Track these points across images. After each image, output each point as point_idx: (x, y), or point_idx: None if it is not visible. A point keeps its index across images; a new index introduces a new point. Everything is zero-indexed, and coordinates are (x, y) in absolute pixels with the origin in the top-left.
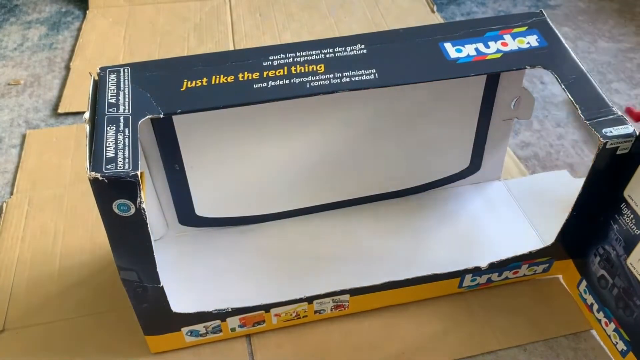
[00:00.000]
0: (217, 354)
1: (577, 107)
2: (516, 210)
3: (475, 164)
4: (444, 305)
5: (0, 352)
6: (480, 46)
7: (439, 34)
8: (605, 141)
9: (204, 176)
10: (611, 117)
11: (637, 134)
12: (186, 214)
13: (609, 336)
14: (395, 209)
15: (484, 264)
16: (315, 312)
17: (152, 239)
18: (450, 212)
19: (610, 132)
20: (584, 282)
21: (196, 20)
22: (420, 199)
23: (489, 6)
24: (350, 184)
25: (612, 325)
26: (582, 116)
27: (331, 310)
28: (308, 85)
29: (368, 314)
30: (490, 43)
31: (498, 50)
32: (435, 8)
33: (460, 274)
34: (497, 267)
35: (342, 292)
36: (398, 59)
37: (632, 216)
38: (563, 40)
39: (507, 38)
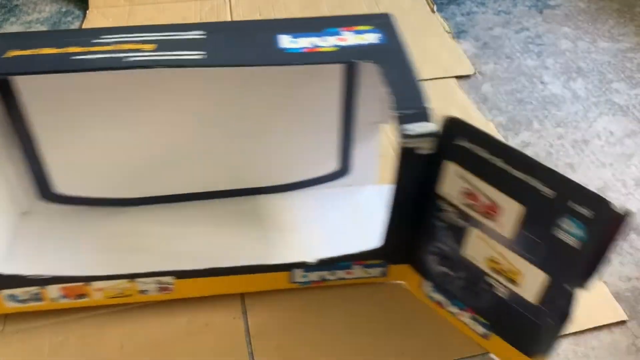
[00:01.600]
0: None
1: (393, 101)
2: (372, 214)
3: (344, 167)
4: (282, 298)
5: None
6: (317, 40)
7: (283, 27)
8: (405, 141)
9: (60, 155)
10: (418, 114)
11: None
12: (45, 190)
13: (467, 324)
14: (250, 204)
15: (312, 259)
16: (140, 291)
17: (16, 210)
18: (304, 211)
19: (413, 130)
20: (428, 283)
21: (196, 20)
22: (281, 198)
23: (488, 6)
24: (208, 176)
25: (467, 314)
26: (394, 113)
27: (157, 292)
28: (128, 59)
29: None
30: (329, 38)
31: (335, 45)
32: (435, 8)
33: (288, 267)
34: (327, 264)
35: (165, 273)
36: (231, 45)
37: (451, 209)
38: (403, 41)
39: (348, 34)
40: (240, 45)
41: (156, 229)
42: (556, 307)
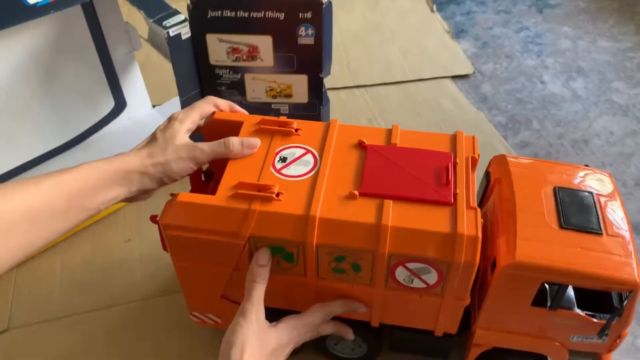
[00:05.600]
0: None
1: (142, 12)
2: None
3: (120, 101)
4: None
5: (5, 351)
6: None
7: None
8: (167, 31)
9: None
10: (170, 13)
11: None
12: None
13: None
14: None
15: None
16: None
17: None
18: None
19: (171, 21)
20: None
21: None
22: (81, 150)
23: (488, 5)
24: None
25: None
26: (147, 18)
27: None
28: None
29: None
30: None
31: None
32: (434, 7)
33: None
34: None
35: None
36: None
37: (226, 70)
38: None
39: None
40: None
41: None
42: (318, 96)
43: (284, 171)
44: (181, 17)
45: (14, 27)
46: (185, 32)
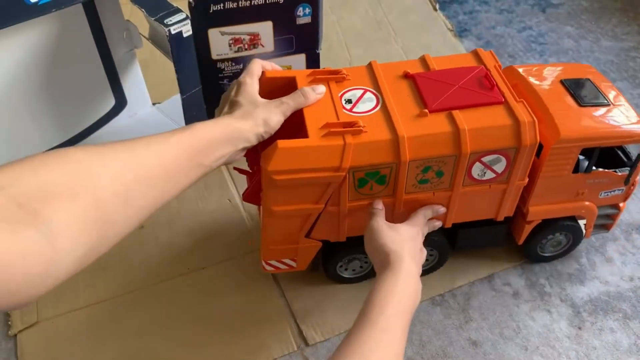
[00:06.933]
0: None
1: (143, 11)
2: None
3: (121, 99)
4: None
5: (34, 343)
6: None
7: None
8: (168, 29)
9: None
10: (172, 11)
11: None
12: None
13: None
14: None
15: None
16: None
17: None
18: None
19: (173, 20)
20: None
21: None
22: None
23: (491, 4)
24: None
25: None
26: (148, 16)
27: None
28: None
29: None
30: None
31: None
32: (437, 6)
33: None
34: None
35: None
36: None
37: (227, 63)
38: None
39: None
40: None
41: None
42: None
43: (354, 110)
44: (182, 15)
45: (16, 25)
46: (186, 29)
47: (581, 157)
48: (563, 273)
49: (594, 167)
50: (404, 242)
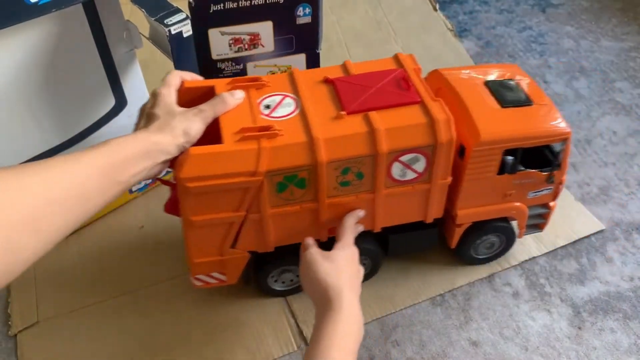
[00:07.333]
0: None
1: (143, 11)
2: None
3: (120, 100)
4: None
5: (34, 343)
6: None
7: None
8: (168, 29)
9: None
10: (172, 11)
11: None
12: None
13: None
14: None
15: None
16: None
17: None
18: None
19: (173, 19)
20: None
21: None
22: (81, 147)
23: (491, 4)
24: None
25: None
26: (149, 17)
27: None
28: None
29: None
30: None
31: None
32: (437, 6)
33: None
34: None
35: None
36: None
37: (228, 63)
38: None
39: None
40: None
41: None
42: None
43: (273, 114)
44: (182, 15)
45: (16, 25)
46: (186, 30)
47: (510, 157)
48: (563, 273)
49: (520, 168)
50: (341, 273)
